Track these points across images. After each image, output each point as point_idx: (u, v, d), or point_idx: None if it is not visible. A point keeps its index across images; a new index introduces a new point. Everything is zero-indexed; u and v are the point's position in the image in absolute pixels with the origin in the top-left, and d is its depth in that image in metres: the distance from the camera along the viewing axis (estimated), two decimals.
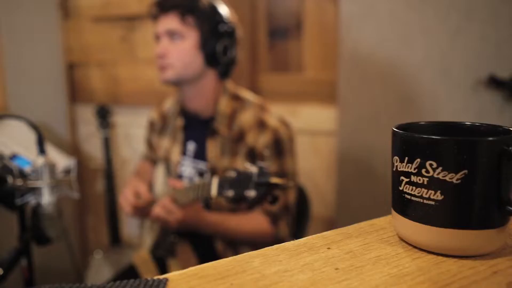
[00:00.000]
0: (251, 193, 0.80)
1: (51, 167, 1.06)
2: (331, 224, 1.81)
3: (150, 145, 1.48)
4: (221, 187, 0.89)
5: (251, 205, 1.16)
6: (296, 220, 1.34)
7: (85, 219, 2.33)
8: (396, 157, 0.41)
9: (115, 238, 1.98)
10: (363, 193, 1.64)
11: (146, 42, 1.96)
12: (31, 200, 1.05)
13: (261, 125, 1.20)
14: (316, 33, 1.80)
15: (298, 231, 1.40)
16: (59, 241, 1.17)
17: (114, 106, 2.10)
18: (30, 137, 1.64)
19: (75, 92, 2.19)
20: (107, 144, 1.99)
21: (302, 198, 1.42)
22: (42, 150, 1.07)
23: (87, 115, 2.19)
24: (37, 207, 1.05)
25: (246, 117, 1.23)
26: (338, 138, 1.66)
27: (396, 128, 0.42)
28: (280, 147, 1.20)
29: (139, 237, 1.50)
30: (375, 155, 1.59)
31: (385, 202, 1.68)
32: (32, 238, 1.17)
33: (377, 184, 1.60)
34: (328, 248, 0.41)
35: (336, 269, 0.37)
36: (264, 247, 1.25)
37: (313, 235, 0.44)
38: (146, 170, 1.47)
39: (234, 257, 0.40)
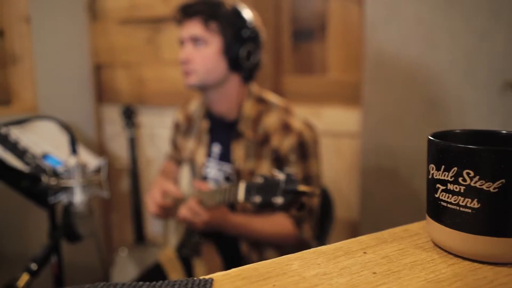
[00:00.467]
0: (278, 200, 0.81)
1: (83, 167, 1.09)
2: (353, 226, 1.81)
3: (175, 146, 1.51)
4: (248, 192, 0.90)
5: (279, 211, 1.18)
6: (319, 223, 1.35)
7: (110, 217, 2.39)
8: (432, 165, 0.42)
9: (140, 236, 2.03)
10: (386, 196, 1.63)
11: (171, 44, 2.00)
12: (64, 198, 1.08)
13: (286, 128, 1.21)
14: (340, 35, 1.80)
15: (321, 233, 1.41)
16: (89, 239, 1.20)
17: (139, 107, 2.14)
18: (59, 136, 1.69)
19: (102, 93, 2.25)
20: (133, 144, 2.04)
21: (326, 201, 1.43)
22: (74, 151, 1.10)
23: (112, 115, 2.25)
24: (69, 206, 1.08)
25: (271, 120, 1.24)
26: (362, 140, 1.66)
27: (431, 136, 0.43)
28: (305, 150, 1.21)
29: (164, 236, 1.53)
30: (399, 158, 1.58)
31: (408, 204, 1.68)
32: (64, 236, 1.21)
33: (401, 187, 1.59)
34: (364, 253, 0.42)
35: (374, 273, 0.38)
36: (287, 249, 1.26)
37: (348, 240, 0.45)
38: (171, 170, 1.50)
39: (273, 259, 0.42)
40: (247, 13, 1.24)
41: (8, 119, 1.68)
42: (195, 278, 0.39)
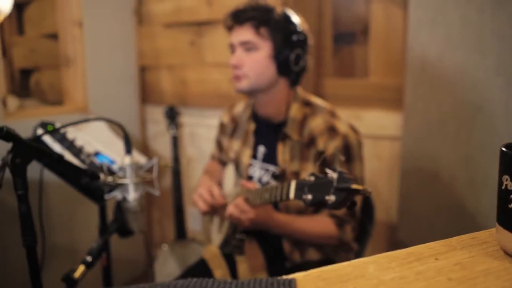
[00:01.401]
0: (331, 198, 0.82)
1: (136, 165, 1.13)
2: (391, 229, 1.80)
3: (220, 146, 1.55)
4: (299, 190, 0.92)
5: (331, 209, 1.19)
6: (360, 225, 1.36)
7: (151, 213, 2.47)
8: (506, 176, 0.43)
9: (181, 233, 2.09)
10: (425, 200, 1.62)
11: (213, 47, 2.05)
12: (118, 195, 1.13)
13: (332, 130, 1.23)
14: (382, 38, 1.80)
15: (362, 235, 1.42)
16: (141, 234, 1.26)
17: (181, 107, 2.21)
18: (107, 135, 1.77)
19: (146, 94, 2.33)
20: (176, 143, 2.10)
21: (367, 203, 1.44)
22: (129, 151, 1.15)
23: (155, 115, 2.33)
24: (123, 202, 1.13)
25: (317, 123, 1.26)
26: (402, 144, 1.65)
27: (505, 148, 0.44)
28: (350, 152, 1.22)
29: (205, 233, 1.57)
30: (440, 163, 1.57)
31: (448, 211, 1.65)
32: (116, 230, 1.27)
33: (441, 192, 1.58)
34: (436, 259, 0.44)
35: (449, 279, 0.40)
36: (328, 249, 1.27)
37: (418, 246, 0.47)
38: (216, 170, 1.55)
39: (349, 262, 0.44)
40: (296, 18, 1.26)
41: (61, 118, 1.78)
42: (279, 278, 0.41)
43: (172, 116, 2.14)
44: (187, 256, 2.08)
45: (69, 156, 1.39)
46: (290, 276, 0.42)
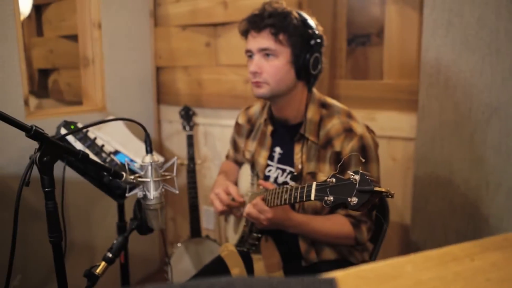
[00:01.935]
0: (354, 200, 0.83)
1: (157, 164, 1.16)
2: (404, 230, 1.81)
3: (236, 147, 1.57)
4: (320, 191, 0.92)
5: (351, 210, 1.20)
6: (375, 225, 1.37)
7: (165, 211, 2.51)
8: None
9: (196, 230, 2.12)
10: (439, 201, 1.63)
11: (228, 48, 2.07)
12: (139, 193, 1.15)
13: (348, 131, 1.24)
14: (397, 40, 1.81)
15: (376, 235, 1.43)
16: (160, 232, 1.28)
17: (196, 108, 2.24)
18: (125, 134, 1.81)
19: (161, 94, 2.37)
20: (191, 142, 2.13)
21: (381, 204, 1.45)
22: (150, 150, 1.17)
23: (170, 115, 2.36)
24: (143, 200, 1.16)
25: (333, 124, 1.27)
26: (416, 145, 1.66)
27: None
28: (366, 153, 1.23)
29: (219, 231, 1.59)
30: (455, 164, 1.57)
31: (462, 211, 1.65)
32: (136, 228, 1.30)
33: (455, 193, 1.58)
34: (472, 260, 0.45)
35: (487, 280, 0.40)
36: (343, 248, 1.27)
37: (451, 246, 0.47)
38: (231, 169, 1.57)
39: (385, 262, 0.45)
40: (312, 21, 1.27)
41: (80, 118, 1.82)
42: (319, 278, 0.41)
43: (188, 115, 2.18)
44: (202, 254, 2.11)
45: (90, 155, 1.42)
46: (332, 275, 0.42)
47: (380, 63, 1.86)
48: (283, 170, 1.35)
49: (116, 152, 1.55)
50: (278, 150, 1.37)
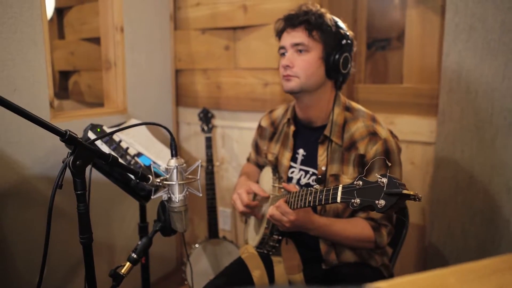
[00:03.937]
0: (381, 202, 0.83)
1: (181, 168, 1.17)
2: (421, 234, 1.81)
3: (257, 150, 1.59)
4: (347, 194, 0.94)
5: (380, 213, 1.21)
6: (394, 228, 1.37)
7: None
8: None
9: (213, 231, 2.15)
10: (459, 205, 1.62)
11: (247, 52, 2.09)
12: (164, 195, 1.17)
13: (373, 134, 1.25)
14: (417, 44, 1.81)
15: (395, 239, 1.44)
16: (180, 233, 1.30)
17: (214, 110, 2.26)
18: (147, 137, 1.83)
19: (180, 96, 2.40)
20: (210, 144, 2.16)
21: (401, 208, 1.45)
22: (175, 154, 1.19)
23: (188, 117, 2.39)
24: (168, 203, 1.18)
25: (358, 127, 1.28)
26: (436, 149, 1.66)
27: None
28: (390, 157, 1.24)
29: (236, 232, 1.61)
30: (475, 168, 1.57)
31: (482, 215, 1.65)
32: (160, 229, 1.32)
33: (475, 197, 1.58)
34: None
35: None
36: (364, 251, 1.27)
37: (491, 258, 0.48)
38: (253, 171, 1.59)
39: (428, 273, 0.45)
40: (343, 24, 1.32)
41: (102, 120, 1.85)
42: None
43: (206, 118, 2.20)
44: (219, 254, 2.13)
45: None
46: (374, 285, 0.43)
47: (400, 67, 1.86)
48: (306, 172, 1.37)
49: (139, 154, 1.58)
50: (301, 152, 1.39)
